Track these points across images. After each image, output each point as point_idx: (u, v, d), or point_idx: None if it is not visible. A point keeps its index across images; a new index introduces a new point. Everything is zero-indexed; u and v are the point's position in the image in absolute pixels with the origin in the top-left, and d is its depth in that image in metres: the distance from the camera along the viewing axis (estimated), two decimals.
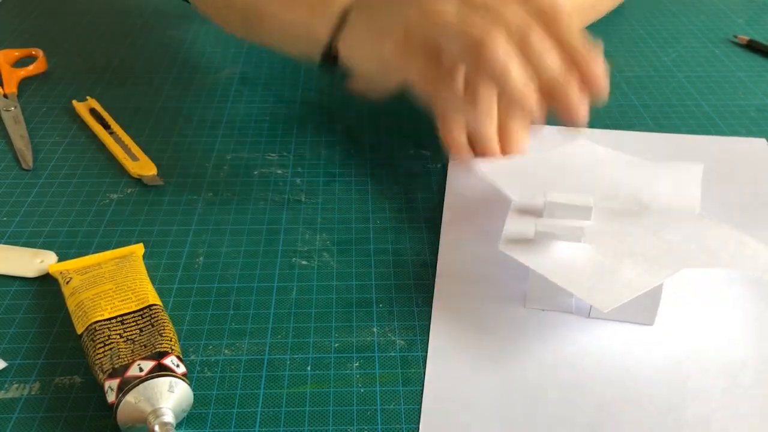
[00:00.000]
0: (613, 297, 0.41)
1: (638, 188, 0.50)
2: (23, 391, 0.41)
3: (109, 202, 0.55)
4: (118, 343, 0.40)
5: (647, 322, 0.45)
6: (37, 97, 0.69)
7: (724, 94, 0.70)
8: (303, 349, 0.44)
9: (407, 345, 0.44)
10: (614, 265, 0.43)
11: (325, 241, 0.52)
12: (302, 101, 0.68)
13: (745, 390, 0.41)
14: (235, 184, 0.57)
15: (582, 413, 0.40)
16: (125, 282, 0.45)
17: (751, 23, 0.85)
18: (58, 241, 0.51)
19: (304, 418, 0.40)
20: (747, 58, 0.77)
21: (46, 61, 0.74)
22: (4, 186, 0.57)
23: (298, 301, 0.47)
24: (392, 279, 0.49)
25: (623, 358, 0.43)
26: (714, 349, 0.43)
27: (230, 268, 0.49)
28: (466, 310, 0.46)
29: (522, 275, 0.47)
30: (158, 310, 0.43)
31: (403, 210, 0.55)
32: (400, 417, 0.40)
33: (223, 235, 0.52)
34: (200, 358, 0.43)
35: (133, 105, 0.68)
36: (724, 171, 0.58)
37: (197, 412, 0.40)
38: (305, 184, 0.57)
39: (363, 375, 0.42)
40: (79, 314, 0.43)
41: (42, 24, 0.83)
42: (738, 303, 0.46)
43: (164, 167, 0.59)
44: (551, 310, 0.46)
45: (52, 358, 0.43)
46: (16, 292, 0.48)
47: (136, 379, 0.38)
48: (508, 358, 0.43)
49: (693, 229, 0.45)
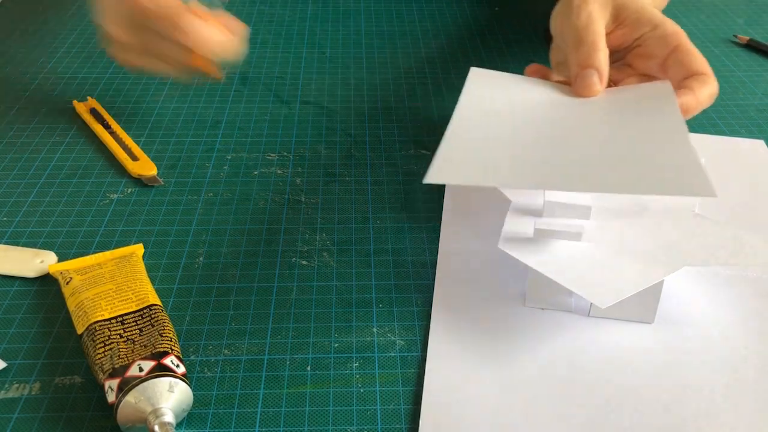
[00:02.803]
0: (613, 294, 0.41)
1: None
2: (23, 391, 0.41)
3: (109, 202, 0.55)
4: (118, 343, 0.40)
5: (647, 320, 0.45)
6: (38, 97, 0.69)
7: (724, 94, 0.70)
8: (303, 349, 0.44)
9: (407, 345, 0.44)
10: (614, 263, 0.43)
11: (325, 241, 0.52)
12: (302, 101, 0.68)
13: (745, 386, 0.41)
14: (235, 184, 0.57)
15: (582, 411, 0.40)
16: (125, 282, 0.45)
17: (751, 23, 0.85)
18: (58, 241, 0.52)
19: (304, 418, 0.40)
20: (747, 58, 0.77)
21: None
22: (5, 186, 0.57)
23: (298, 301, 0.47)
24: (392, 279, 0.49)
25: (623, 356, 0.43)
26: (714, 346, 0.43)
27: (230, 268, 0.49)
28: (465, 309, 0.46)
29: (521, 274, 0.47)
30: (158, 310, 0.43)
31: (403, 210, 0.55)
32: (399, 417, 0.40)
33: (223, 235, 0.52)
34: (200, 358, 0.43)
35: (133, 105, 0.68)
36: (723, 171, 0.58)
37: (197, 412, 0.40)
38: (305, 184, 0.57)
39: (363, 375, 0.42)
40: (79, 314, 0.43)
41: (42, 24, 0.83)
42: (738, 300, 0.46)
43: (164, 167, 0.59)
44: (551, 309, 0.46)
45: (52, 358, 0.43)
46: (16, 292, 0.48)
47: (136, 379, 0.38)
48: (507, 358, 0.43)
49: (692, 228, 0.45)
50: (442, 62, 0.75)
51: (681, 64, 0.51)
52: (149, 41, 0.54)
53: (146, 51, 0.55)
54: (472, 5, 0.88)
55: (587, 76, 0.51)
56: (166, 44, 0.54)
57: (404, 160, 0.60)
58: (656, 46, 0.52)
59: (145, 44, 0.54)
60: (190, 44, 0.53)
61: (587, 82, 0.51)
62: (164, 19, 0.52)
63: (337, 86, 0.70)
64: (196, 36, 0.53)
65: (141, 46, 0.55)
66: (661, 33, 0.52)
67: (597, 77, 0.51)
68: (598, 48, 0.52)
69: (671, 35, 0.52)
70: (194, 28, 0.53)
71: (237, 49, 0.55)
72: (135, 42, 0.54)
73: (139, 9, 0.52)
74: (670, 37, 0.52)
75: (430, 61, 0.75)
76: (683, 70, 0.51)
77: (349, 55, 0.76)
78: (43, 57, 0.76)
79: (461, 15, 0.85)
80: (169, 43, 0.53)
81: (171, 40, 0.53)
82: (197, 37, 0.53)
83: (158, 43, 0.54)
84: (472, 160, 0.45)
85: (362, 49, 0.77)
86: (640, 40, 0.53)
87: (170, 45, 0.54)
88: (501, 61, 0.75)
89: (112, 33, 0.54)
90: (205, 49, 0.53)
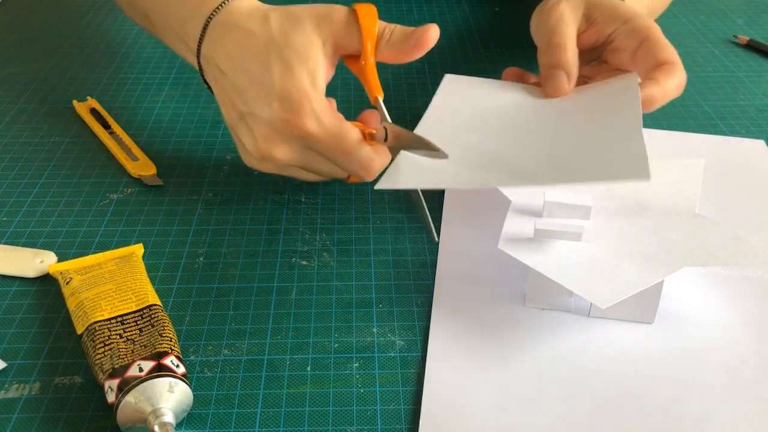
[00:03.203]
0: (613, 294, 0.41)
1: (638, 187, 0.50)
2: (23, 391, 0.41)
3: (109, 202, 0.55)
4: (118, 343, 0.40)
5: (647, 320, 0.45)
6: (38, 97, 0.69)
7: (724, 94, 0.70)
8: (303, 350, 0.44)
9: (407, 345, 0.44)
10: (614, 263, 0.43)
11: (324, 241, 0.52)
12: None
13: (745, 386, 0.41)
14: (235, 184, 0.57)
15: (582, 412, 0.40)
16: (125, 282, 0.45)
17: (751, 23, 0.85)
18: (58, 241, 0.51)
19: (303, 418, 0.40)
20: (747, 58, 0.77)
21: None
22: (5, 186, 0.57)
23: (297, 301, 0.47)
24: (392, 279, 0.49)
25: (623, 357, 0.43)
26: (714, 346, 0.43)
27: (230, 268, 0.49)
28: (465, 309, 0.46)
29: (522, 275, 0.47)
30: (158, 310, 0.43)
31: (403, 210, 0.55)
32: (399, 417, 0.40)
33: (223, 235, 0.52)
34: (200, 359, 0.43)
35: (133, 105, 0.68)
36: (723, 171, 0.58)
37: (197, 412, 0.40)
38: (305, 184, 0.57)
39: (363, 375, 0.42)
40: (79, 314, 0.43)
41: (42, 24, 0.83)
42: (737, 301, 0.46)
43: (164, 167, 0.59)
44: (551, 309, 0.46)
45: (52, 358, 0.43)
46: (16, 292, 0.48)
47: (136, 379, 0.38)
48: (507, 358, 0.43)
49: (692, 228, 0.45)
50: (442, 62, 0.75)
51: (648, 55, 0.52)
52: (311, 161, 0.48)
53: (303, 167, 0.50)
54: (472, 5, 0.88)
55: (555, 76, 0.52)
56: (327, 164, 0.49)
57: None
58: (627, 39, 0.53)
59: (305, 164, 0.49)
60: (359, 173, 0.48)
61: (555, 82, 0.52)
62: (333, 149, 0.47)
63: (337, 86, 0.70)
64: (368, 169, 0.47)
65: (299, 164, 0.49)
66: (631, 27, 0.53)
67: (565, 78, 0.52)
68: (565, 49, 0.53)
69: (641, 28, 0.52)
70: (365, 159, 0.47)
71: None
72: (294, 161, 0.48)
73: (306, 134, 0.46)
74: (639, 30, 0.52)
75: (430, 61, 0.75)
76: (651, 61, 0.51)
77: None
78: (43, 57, 0.76)
79: (461, 15, 0.85)
80: (329, 163, 0.49)
81: (336, 163, 0.48)
82: (369, 169, 0.47)
83: (320, 163, 0.49)
84: (422, 165, 0.46)
85: None
86: (613, 35, 0.53)
87: (330, 165, 0.49)
88: (501, 61, 0.75)
89: (268, 152, 0.47)
90: (370, 176, 0.48)
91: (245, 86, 0.47)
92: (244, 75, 0.47)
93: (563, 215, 0.46)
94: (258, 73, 0.46)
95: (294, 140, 0.47)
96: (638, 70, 0.52)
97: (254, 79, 0.47)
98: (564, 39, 0.53)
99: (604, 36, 0.54)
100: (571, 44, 0.53)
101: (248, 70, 0.47)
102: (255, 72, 0.47)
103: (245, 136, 0.48)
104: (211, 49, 0.49)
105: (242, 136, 0.49)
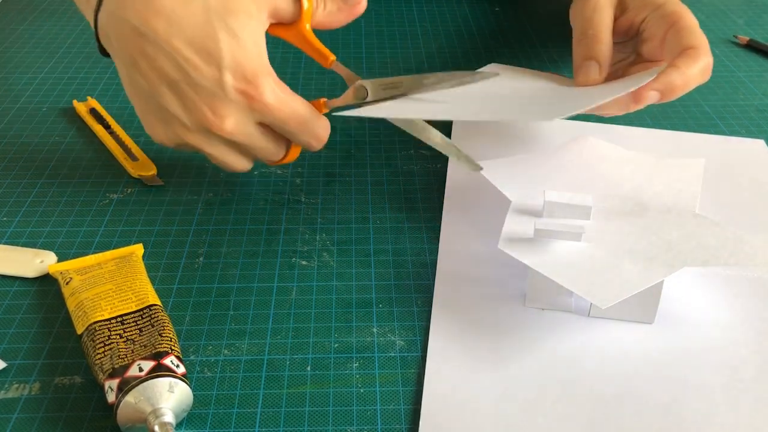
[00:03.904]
0: (613, 294, 0.41)
1: (638, 187, 0.50)
2: (23, 391, 0.41)
3: (109, 202, 0.55)
4: (118, 343, 0.40)
5: (647, 320, 0.45)
6: (38, 97, 0.69)
7: (724, 94, 0.70)
8: (302, 350, 0.44)
9: (407, 345, 0.44)
10: (614, 263, 0.43)
11: (324, 241, 0.52)
12: None
13: (745, 386, 0.41)
14: (235, 184, 0.57)
15: (582, 412, 0.40)
16: (125, 282, 0.45)
17: (751, 23, 0.85)
18: (58, 241, 0.51)
19: (303, 418, 0.40)
20: (747, 58, 0.77)
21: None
22: (5, 186, 0.57)
23: (297, 301, 0.47)
24: (392, 279, 0.49)
25: (623, 356, 0.43)
26: (714, 346, 0.43)
27: (230, 268, 0.49)
28: (465, 309, 0.46)
29: (521, 275, 0.47)
30: (158, 310, 0.43)
31: (403, 210, 0.55)
32: (399, 417, 0.40)
33: (223, 235, 0.52)
34: (200, 359, 0.43)
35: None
36: (723, 171, 0.58)
37: (197, 412, 0.40)
38: (305, 184, 0.57)
39: (363, 375, 0.42)
40: (79, 314, 0.43)
41: (42, 24, 0.83)
42: (737, 301, 0.46)
43: (164, 167, 0.59)
44: (551, 309, 0.46)
45: (52, 358, 0.43)
46: (16, 292, 0.48)
47: (136, 379, 0.38)
48: (507, 358, 0.43)
49: (692, 228, 0.45)
50: (442, 62, 0.75)
51: (674, 41, 0.52)
52: (255, 137, 0.47)
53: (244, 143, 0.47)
54: (472, 5, 0.88)
55: (587, 66, 0.53)
56: (265, 140, 0.48)
57: (404, 160, 0.60)
58: (656, 26, 0.53)
59: (248, 139, 0.47)
60: (311, 143, 0.48)
61: (587, 71, 0.53)
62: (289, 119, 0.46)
63: (337, 86, 0.70)
64: (322, 138, 0.47)
65: (244, 139, 0.47)
66: (661, 13, 0.53)
67: (597, 68, 0.53)
68: (599, 41, 0.53)
69: (670, 14, 0.52)
70: (322, 128, 0.47)
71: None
72: (241, 134, 0.46)
73: (263, 105, 0.45)
74: (668, 15, 0.52)
75: (430, 61, 0.75)
76: (677, 47, 0.51)
77: (349, 55, 0.76)
78: (43, 57, 0.76)
79: (461, 15, 0.85)
80: (268, 140, 0.48)
81: (287, 135, 0.48)
82: (322, 138, 0.47)
83: (260, 139, 0.47)
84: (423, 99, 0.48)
85: (362, 49, 0.77)
86: (644, 23, 0.53)
87: (268, 141, 0.48)
88: (501, 61, 0.74)
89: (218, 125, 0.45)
90: (321, 145, 0.48)
91: (183, 52, 0.44)
92: (180, 41, 0.44)
93: (563, 215, 0.46)
94: (200, 40, 0.43)
95: (249, 112, 0.45)
96: (666, 57, 0.52)
97: (196, 46, 0.44)
98: (599, 30, 0.53)
99: (636, 23, 0.54)
100: (606, 36, 0.53)
101: (187, 36, 0.43)
102: (196, 39, 0.44)
103: (174, 106, 0.45)
104: (123, 5, 0.44)
105: (169, 106, 0.45)
